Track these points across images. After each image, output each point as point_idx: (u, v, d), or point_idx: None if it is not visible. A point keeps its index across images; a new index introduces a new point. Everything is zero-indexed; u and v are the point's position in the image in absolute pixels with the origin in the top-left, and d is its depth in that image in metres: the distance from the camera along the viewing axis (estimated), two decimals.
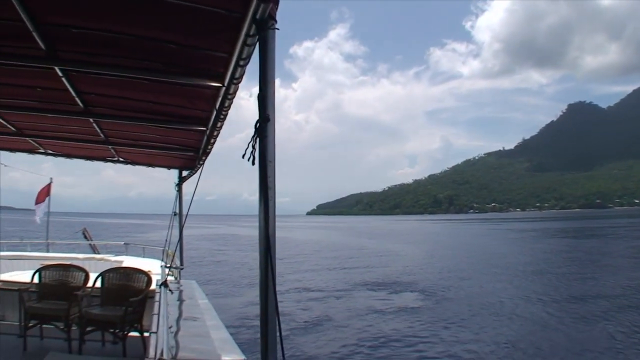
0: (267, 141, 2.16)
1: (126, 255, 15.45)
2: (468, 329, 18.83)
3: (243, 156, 2.25)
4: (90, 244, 18.50)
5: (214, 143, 5.85)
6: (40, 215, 19.77)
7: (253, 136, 2.18)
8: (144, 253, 16.21)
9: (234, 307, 22.00)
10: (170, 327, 4.35)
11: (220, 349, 3.82)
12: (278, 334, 2.20)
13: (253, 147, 2.20)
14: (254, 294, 25.91)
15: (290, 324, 19.08)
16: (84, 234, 19.46)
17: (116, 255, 15.09)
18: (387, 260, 46.54)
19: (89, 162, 9.48)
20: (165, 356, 2.24)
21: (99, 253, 16.62)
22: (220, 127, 4.97)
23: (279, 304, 2.16)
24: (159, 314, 3.56)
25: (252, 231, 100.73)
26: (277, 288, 2.12)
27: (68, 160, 9.26)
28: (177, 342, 4.13)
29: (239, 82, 3.40)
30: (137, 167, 9.13)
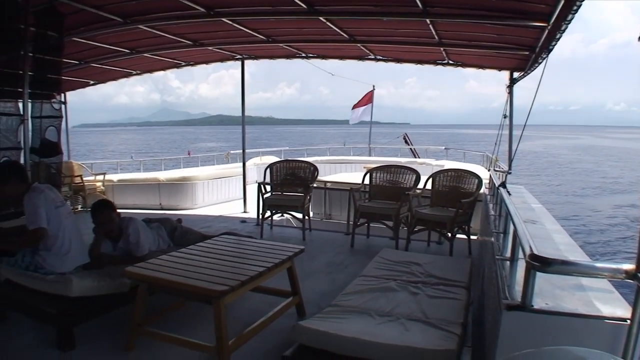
0: None
1: (446, 159, 15.71)
2: None
3: (639, 39, 1.90)
4: (410, 149, 19.19)
5: (559, 39, 5.31)
6: (356, 119, 20.64)
7: None
8: (464, 158, 16.32)
9: (569, 215, 21.46)
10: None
11: (566, 251, 3.57)
12: None
13: None
14: (592, 205, 25.05)
15: None
16: (404, 139, 20.16)
17: (437, 159, 15.43)
18: None
19: (416, 67, 9.54)
20: (535, 251, 2.12)
21: (419, 157, 17.19)
22: (570, 20, 4.43)
23: None
24: (509, 214, 3.42)
25: (616, 143, 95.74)
26: None
27: (431, 75, 9.49)
28: None
29: None
30: (494, 73, 8.78)
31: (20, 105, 6.64)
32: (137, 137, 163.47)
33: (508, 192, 5.07)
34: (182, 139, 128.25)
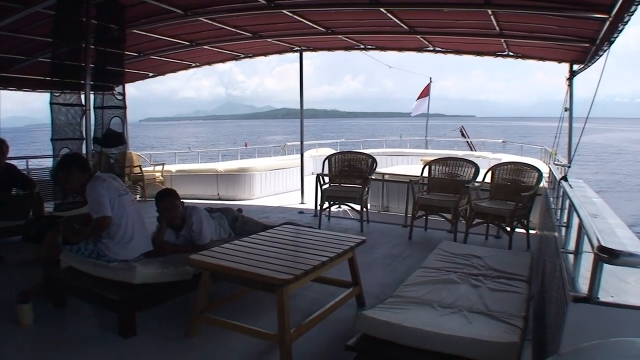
0: None
1: (503, 153, 15.47)
2: None
3: None
4: (467, 142, 18.99)
5: (621, 31, 5.17)
6: (416, 112, 20.85)
7: None
8: (521, 151, 16.02)
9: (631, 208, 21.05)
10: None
11: (629, 245, 3.50)
12: None
13: None
14: None
15: None
16: (461, 131, 20.00)
17: (494, 152, 15.21)
18: None
19: (481, 58, 9.40)
20: (602, 243, 2.11)
21: (475, 150, 16.98)
22: (633, 12, 4.30)
23: None
24: (573, 207, 3.37)
25: None
26: None
27: (496, 66, 9.42)
28: None
29: None
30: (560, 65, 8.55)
31: (82, 97, 6.84)
32: (205, 129, 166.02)
33: (570, 185, 5.01)
34: (250, 132, 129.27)
